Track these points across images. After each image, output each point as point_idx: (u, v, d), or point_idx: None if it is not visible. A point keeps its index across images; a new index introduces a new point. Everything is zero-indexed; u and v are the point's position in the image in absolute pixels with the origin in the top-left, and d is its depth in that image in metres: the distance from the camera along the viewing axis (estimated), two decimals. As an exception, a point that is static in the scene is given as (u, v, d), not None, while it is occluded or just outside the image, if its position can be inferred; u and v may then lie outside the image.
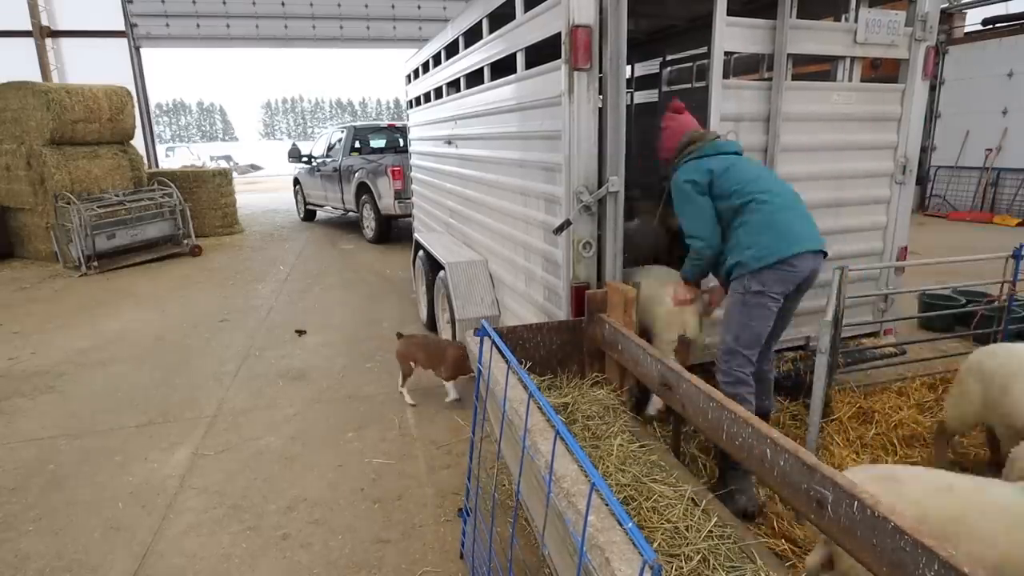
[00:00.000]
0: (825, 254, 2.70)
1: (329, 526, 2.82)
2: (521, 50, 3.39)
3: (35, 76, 12.54)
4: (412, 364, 4.02)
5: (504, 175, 3.90)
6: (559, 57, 2.82)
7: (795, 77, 3.32)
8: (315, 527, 2.81)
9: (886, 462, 2.94)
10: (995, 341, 3.98)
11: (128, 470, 3.34)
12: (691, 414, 2.06)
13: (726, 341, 2.72)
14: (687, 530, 1.85)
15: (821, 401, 2.83)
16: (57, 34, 13.17)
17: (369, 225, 10.35)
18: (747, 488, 2.63)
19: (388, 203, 9.54)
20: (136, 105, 10.20)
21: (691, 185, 2.74)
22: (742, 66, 4.53)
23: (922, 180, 11.81)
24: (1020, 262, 3.71)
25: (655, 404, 3.09)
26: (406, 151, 8.73)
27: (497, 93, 3.91)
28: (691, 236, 2.78)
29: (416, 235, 6.07)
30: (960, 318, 4.85)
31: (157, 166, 14.38)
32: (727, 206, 2.71)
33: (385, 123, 12.50)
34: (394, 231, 10.41)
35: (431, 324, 5.30)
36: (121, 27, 13.28)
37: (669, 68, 5.45)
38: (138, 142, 10.90)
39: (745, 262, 2.62)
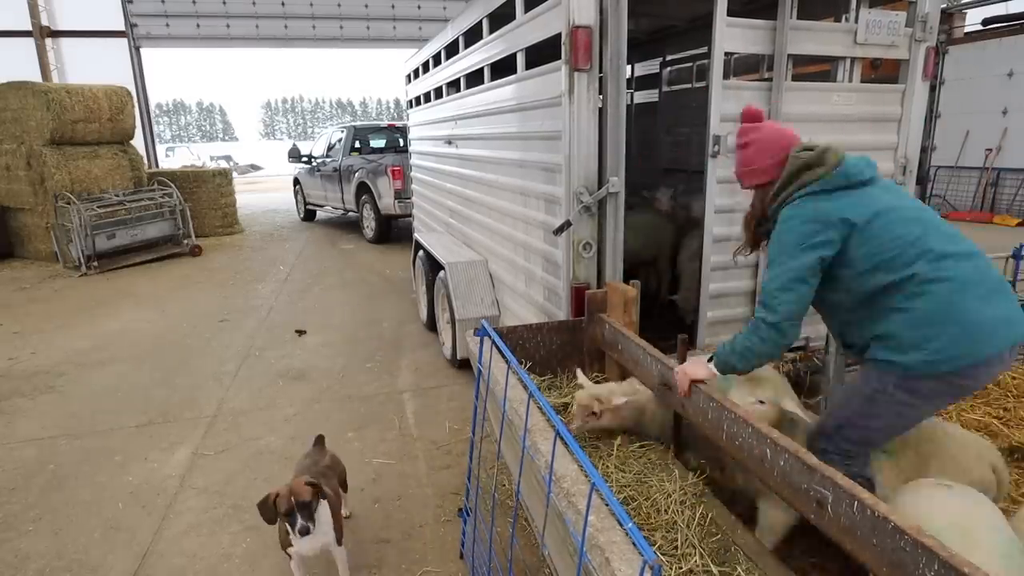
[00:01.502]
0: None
1: (329, 526, 2.81)
2: (521, 50, 3.39)
3: (35, 76, 12.54)
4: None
5: (504, 175, 3.90)
6: (559, 57, 2.82)
7: (795, 77, 3.32)
8: (315, 527, 2.81)
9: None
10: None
11: (128, 470, 3.34)
12: (691, 414, 2.06)
13: (827, 422, 2.03)
14: (687, 526, 1.85)
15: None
16: (57, 34, 13.17)
17: (369, 225, 10.35)
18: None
19: (388, 203, 9.55)
20: (136, 105, 10.20)
21: (812, 235, 1.85)
22: (742, 66, 4.53)
23: (922, 180, 11.81)
24: (1020, 262, 3.71)
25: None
26: (406, 151, 8.73)
27: (497, 93, 3.91)
28: (767, 297, 1.90)
29: (416, 235, 6.07)
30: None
31: (157, 166, 14.38)
32: (872, 282, 1.84)
33: (385, 123, 12.50)
34: (394, 231, 10.42)
35: (431, 324, 5.31)
36: (121, 27, 13.28)
37: (669, 68, 5.45)
38: (138, 142, 10.90)
39: (899, 362, 1.80)
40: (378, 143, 11.52)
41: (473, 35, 4.21)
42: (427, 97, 6.13)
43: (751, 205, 2.14)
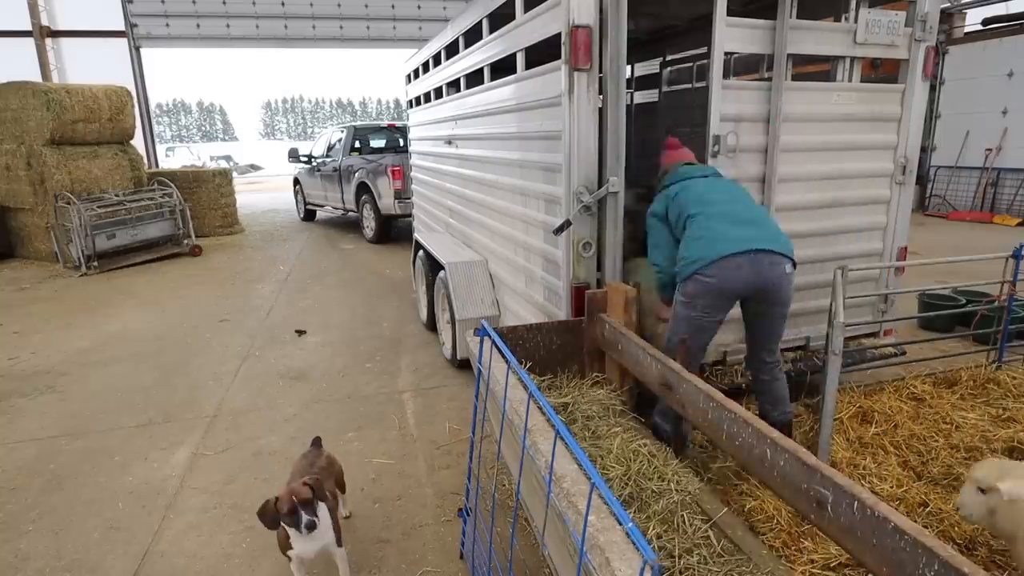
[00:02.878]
0: (787, 257, 2.59)
1: (329, 526, 2.81)
2: (521, 50, 3.39)
3: (35, 76, 12.55)
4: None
5: (504, 175, 3.90)
6: (559, 57, 2.82)
7: (795, 77, 3.32)
8: (315, 527, 2.81)
9: (888, 463, 2.94)
10: (995, 341, 3.99)
11: (128, 470, 3.34)
12: (691, 414, 2.06)
13: (669, 337, 2.79)
14: (688, 523, 1.85)
15: (834, 402, 2.83)
16: (57, 34, 13.18)
17: (369, 225, 10.36)
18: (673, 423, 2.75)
19: (388, 203, 9.55)
20: (136, 105, 10.20)
21: (651, 216, 2.90)
22: (742, 66, 4.53)
23: (922, 180, 11.81)
24: (1020, 262, 3.71)
25: None
26: (406, 151, 8.73)
27: (497, 93, 3.91)
28: (650, 262, 2.95)
29: (416, 235, 6.07)
30: (960, 318, 4.85)
31: (157, 166, 14.39)
32: (679, 229, 2.78)
33: (385, 123, 12.50)
34: (394, 231, 10.42)
35: (431, 324, 5.31)
36: (121, 27, 13.28)
37: (669, 68, 5.45)
38: (138, 142, 10.91)
39: (677, 272, 2.72)
40: (378, 143, 11.52)
41: (473, 35, 4.21)
42: (427, 97, 6.12)
43: None
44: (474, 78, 4.38)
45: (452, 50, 4.81)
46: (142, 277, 8.09)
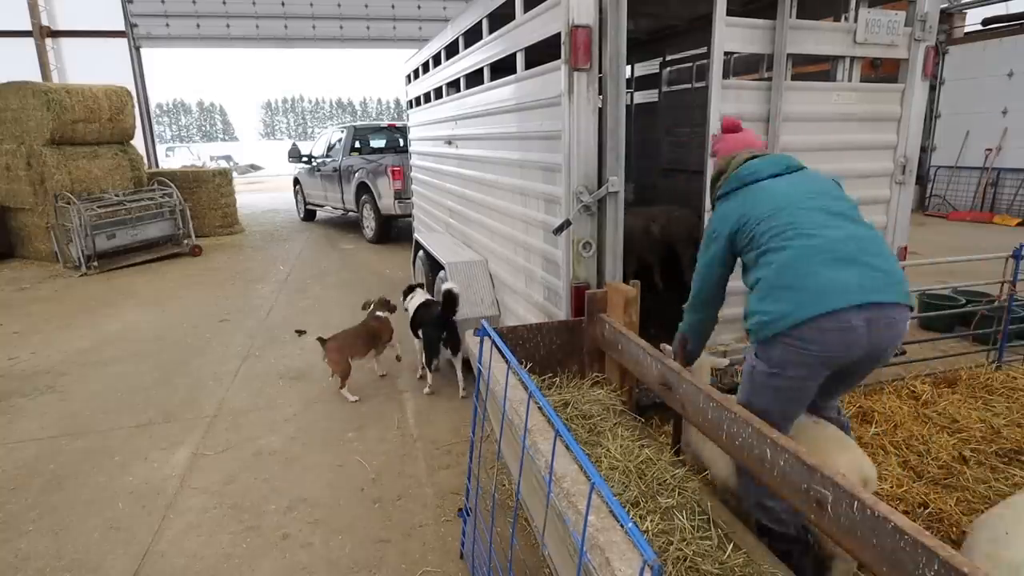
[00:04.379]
0: (907, 307, 1.90)
1: (329, 526, 2.82)
2: (521, 50, 3.39)
3: (35, 76, 12.55)
4: (349, 361, 4.10)
5: (504, 175, 3.90)
6: (559, 57, 2.82)
7: (795, 77, 3.32)
8: (315, 527, 2.81)
9: (888, 463, 2.94)
10: (995, 341, 3.99)
11: (128, 470, 3.34)
12: (691, 414, 2.06)
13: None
14: (688, 523, 1.85)
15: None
16: (57, 34, 13.17)
17: (369, 225, 10.35)
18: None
19: (388, 203, 9.55)
20: (136, 105, 10.20)
21: (712, 235, 2.21)
22: (742, 65, 4.53)
23: (922, 180, 11.80)
24: (1020, 262, 3.71)
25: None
26: (406, 151, 8.73)
27: (497, 93, 3.91)
28: (695, 275, 2.34)
29: (416, 235, 6.07)
30: (960, 318, 4.86)
31: (157, 166, 14.38)
32: (750, 259, 2.09)
33: (385, 123, 12.50)
34: (394, 231, 10.41)
35: (431, 324, 5.30)
36: (121, 27, 13.28)
37: (669, 68, 5.45)
38: (138, 142, 10.90)
39: (750, 329, 2.00)
40: (378, 143, 11.52)
41: (473, 35, 4.21)
42: (427, 97, 6.13)
43: None
44: (474, 78, 4.38)
45: (452, 50, 4.81)
46: (142, 277, 8.09)
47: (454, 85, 5.00)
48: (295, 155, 12.32)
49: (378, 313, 4.33)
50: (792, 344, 1.87)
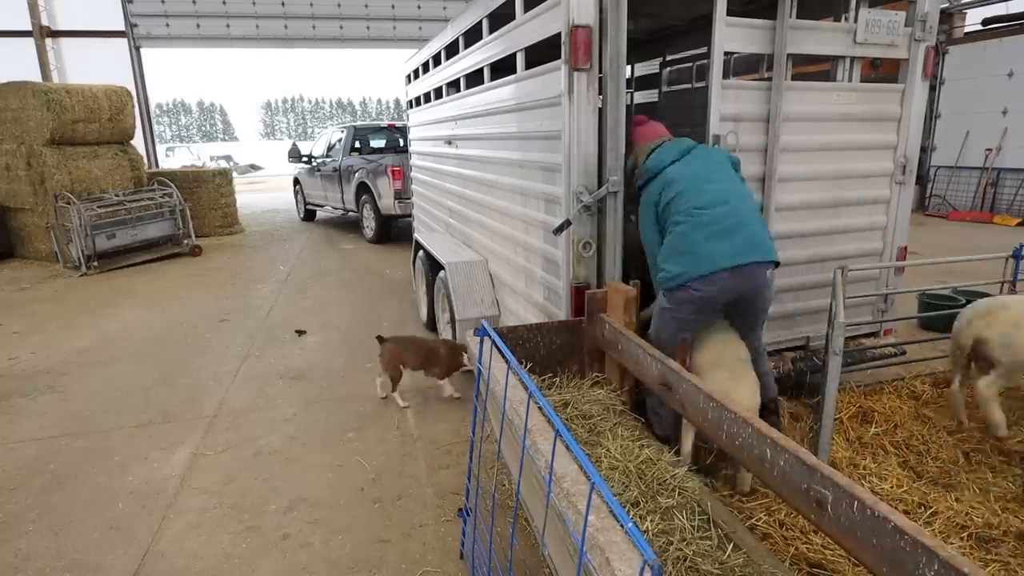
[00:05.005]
0: (770, 262, 2.64)
1: (329, 526, 2.82)
2: (521, 50, 3.39)
3: (35, 76, 12.55)
4: (402, 367, 4.01)
5: (504, 175, 3.90)
6: (559, 57, 2.82)
7: (795, 77, 3.32)
8: (315, 527, 2.81)
9: (888, 463, 2.94)
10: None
11: (128, 470, 3.34)
12: (691, 414, 2.06)
13: (651, 335, 2.82)
14: (688, 523, 1.85)
15: (835, 402, 2.83)
16: (57, 34, 13.18)
17: (369, 225, 10.35)
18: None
19: (388, 203, 9.55)
20: (136, 105, 10.20)
21: (644, 214, 2.88)
22: (742, 65, 4.53)
23: (922, 180, 11.81)
24: (1020, 262, 3.71)
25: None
26: (406, 151, 8.73)
27: (497, 93, 3.91)
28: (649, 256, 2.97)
29: (416, 235, 6.07)
30: (960, 318, 4.84)
31: (157, 166, 14.39)
32: (665, 223, 2.78)
33: (385, 123, 12.50)
34: (394, 231, 10.42)
35: (431, 324, 5.31)
36: (121, 27, 13.28)
37: (669, 68, 5.45)
38: (138, 142, 10.91)
39: (658, 281, 2.74)
40: (378, 143, 11.52)
41: (473, 35, 4.21)
42: (427, 97, 6.12)
43: None
44: (474, 78, 4.38)
45: (452, 50, 4.81)
46: (142, 277, 8.09)
47: (454, 85, 5.00)
48: (295, 155, 12.33)
49: (453, 342, 4.16)
50: (684, 293, 2.63)
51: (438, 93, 5.61)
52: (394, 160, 9.49)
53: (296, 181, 13.23)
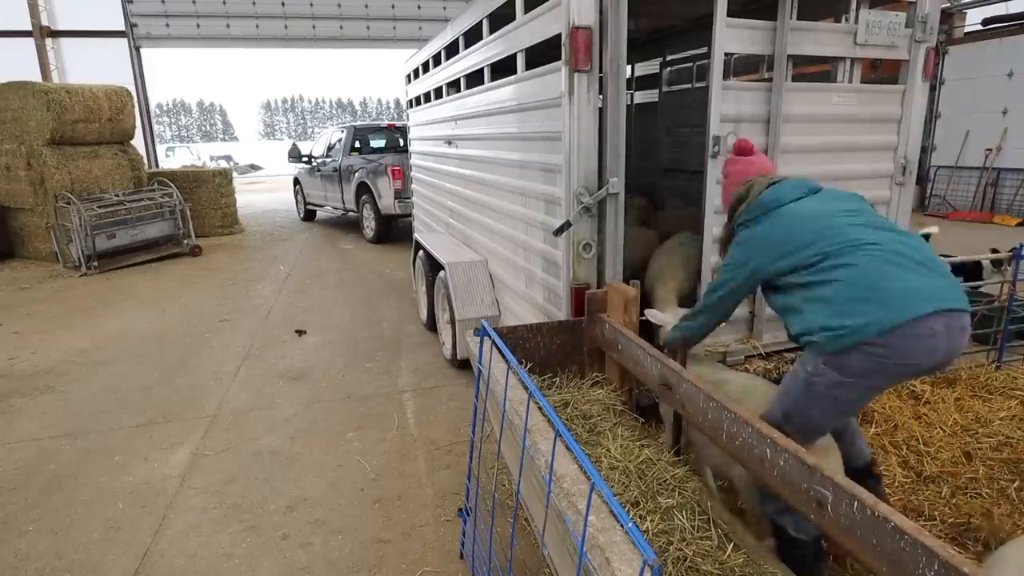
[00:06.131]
0: (969, 313, 1.87)
1: (329, 526, 2.82)
2: (521, 51, 3.39)
3: (35, 76, 12.55)
4: None
5: (504, 176, 3.90)
6: (559, 58, 2.82)
7: (795, 78, 3.32)
8: (315, 527, 2.81)
9: (888, 462, 2.95)
10: (995, 341, 3.99)
11: (128, 470, 3.34)
12: (691, 414, 2.06)
13: (773, 413, 2.05)
14: (688, 523, 1.85)
15: None
16: (57, 34, 13.18)
17: (369, 225, 10.36)
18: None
19: (388, 203, 9.55)
20: (136, 105, 10.20)
21: (741, 262, 2.16)
22: (742, 66, 4.53)
23: (922, 180, 11.81)
24: (1020, 262, 3.71)
25: None
26: (406, 151, 8.74)
27: (497, 94, 3.91)
28: (710, 291, 2.29)
29: (416, 235, 6.07)
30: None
31: (157, 166, 14.39)
32: (796, 274, 2.01)
33: (385, 123, 12.50)
34: (394, 231, 10.42)
35: (431, 324, 5.31)
36: (121, 27, 13.28)
37: (669, 68, 5.45)
38: (138, 142, 10.90)
39: (815, 342, 1.90)
40: (378, 143, 11.52)
41: (473, 35, 4.21)
42: (427, 97, 6.13)
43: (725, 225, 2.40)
44: (474, 78, 4.39)
45: (452, 50, 4.82)
46: (142, 277, 8.09)
47: (454, 85, 5.00)
48: (295, 155, 12.33)
49: None
50: (874, 352, 1.79)
51: (438, 93, 5.61)
52: (394, 160, 9.49)
53: (296, 181, 13.23)
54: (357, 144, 11.16)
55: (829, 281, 1.89)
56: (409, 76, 7.09)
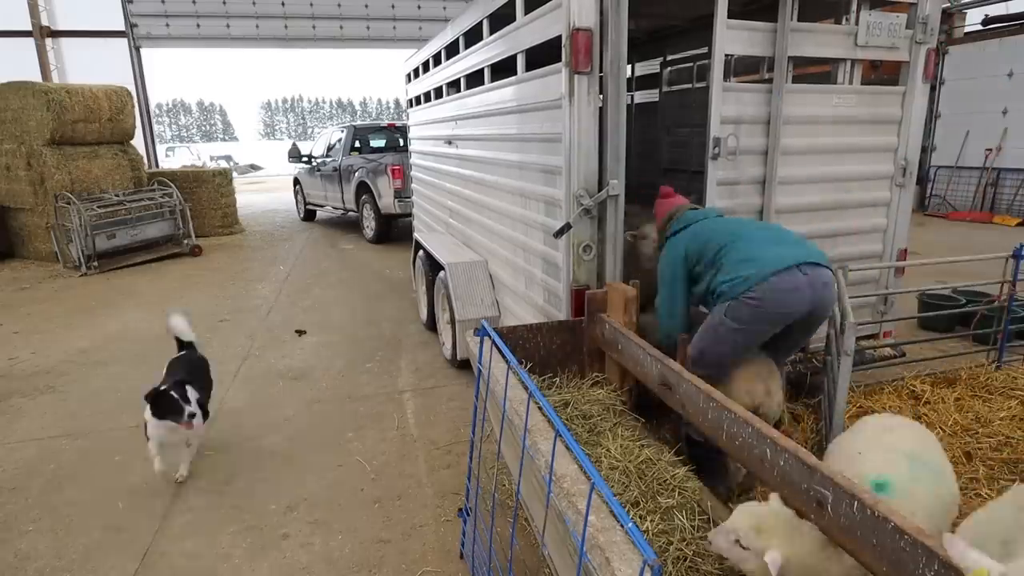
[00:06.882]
0: (830, 269, 2.50)
1: (329, 526, 2.82)
2: (521, 52, 3.39)
3: (35, 76, 12.55)
4: None
5: (504, 176, 3.90)
6: (559, 59, 2.82)
7: (795, 78, 3.32)
8: (315, 527, 2.81)
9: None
10: (995, 341, 3.99)
11: (128, 470, 3.34)
12: (691, 414, 2.06)
13: (693, 349, 2.61)
14: (688, 522, 1.85)
15: (844, 403, 2.83)
16: (57, 34, 13.18)
17: (369, 225, 10.36)
18: (723, 476, 2.65)
19: (388, 202, 9.55)
20: (136, 105, 10.20)
21: (666, 264, 2.74)
22: (742, 66, 4.53)
23: (922, 180, 11.81)
24: (1020, 262, 3.71)
25: None
26: (406, 150, 8.74)
27: (497, 94, 3.91)
28: (659, 316, 2.83)
29: (416, 235, 6.07)
30: (960, 318, 4.86)
31: (157, 166, 14.39)
32: (707, 266, 2.60)
33: (385, 123, 12.50)
34: (394, 231, 10.42)
35: (431, 324, 5.31)
36: (121, 27, 13.29)
37: (669, 68, 5.45)
38: (138, 142, 10.90)
39: (720, 292, 2.50)
40: (378, 143, 11.53)
41: (473, 36, 4.22)
42: (427, 97, 6.13)
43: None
44: (474, 79, 4.39)
45: (452, 50, 4.82)
46: (142, 277, 8.09)
47: (454, 85, 5.00)
48: (295, 155, 12.33)
49: None
50: (754, 301, 2.38)
51: (438, 93, 5.61)
52: (394, 159, 9.49)
53: (296, 181, 13.23)
54: (357, 144, 11.16)
55: (724, 257, 2.55)
56: (409, 76, 7.09)
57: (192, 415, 2.96)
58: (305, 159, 12.26)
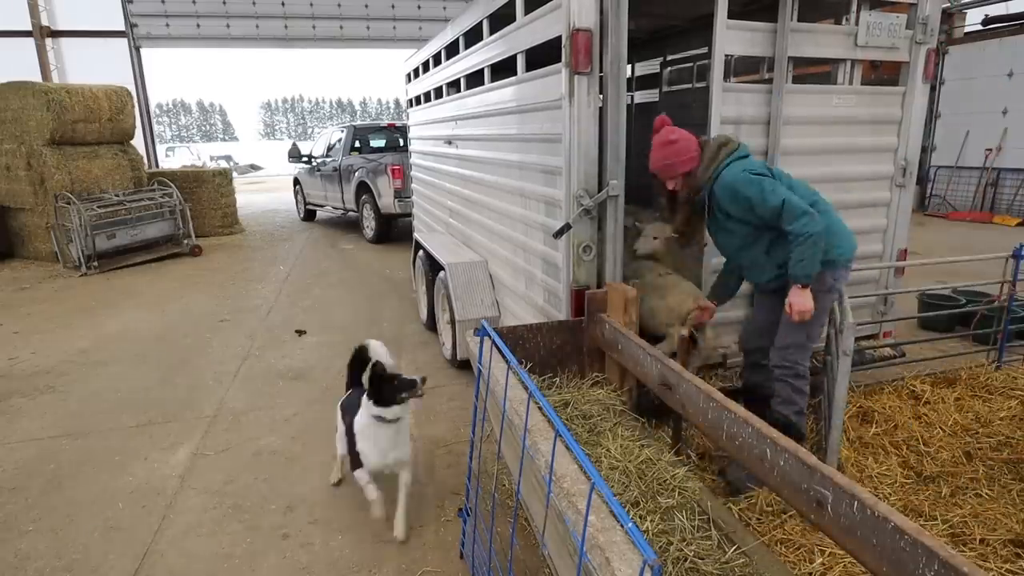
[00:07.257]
0: None
1: (329, 526, 2.82)
2: (521, 52, 3.39)
3: (35, 76, 12.55)
4: None
5: (504, 177, 3.90)
6: (559, 60, 2.82)
7: (796, 79, 3.32)
8: (315, 527, 2.81)
9: (888, 462, 2.95)
10: (995, 341, 3.99)
11: (128, 470, 3.34)
12: (691, 414, 2.06)
13: (800, 338, 2.69)
14: (688, 523, 1.85)
15: (844, 403, 2.84)
16: (57, 34, 13.18)
17: (369, 225, 10.35)
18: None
19: (388, 202, 9.55)
20: (136, 105, 10.20)
21: (761, 176, 2.55)
22: (742, 66, 4.53)
23: (922, 180, 11.80)
24: (1020, 262, 3.71)
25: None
26: (406, 150, 8.73)
27: (497, 95, 3.91)
28: (797, 216, 2.44)
29: (416, 235, 6.07)
30: (960, 318, 4.86)
31: (157, 166, 14.39)
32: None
33: (385, 123, 12.50)
34: (394, 231, 10.41)
35: (431, 324, 5.31)
36: (121, 27, 13.29)
37: (669, 68, 5.45)
38: (138, 142, 10.90)
39: (833, 260, 2.60)
40: (378, 143, 11.53)
41: (473, 36, 4.21)
42: (427, 97, 6.13)
43: (674, 190, 2.85)
44: (474, 79, 4.39)
45: (452, 50, 4.82)
46: (142, 277, 8.09)
47: (454, 85, 5.00)
48: (295, 155, 12.33)
49: None
50: (846, 272, 2.68)
51: (438, 93, 5.61)
52: (394, 159, 9.49)
53: (296, 181, 13.23)
54: (357, 144, 11.16)
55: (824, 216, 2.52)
56: (409, 75, 7.08)
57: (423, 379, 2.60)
58: (305, 159, 12.26)
